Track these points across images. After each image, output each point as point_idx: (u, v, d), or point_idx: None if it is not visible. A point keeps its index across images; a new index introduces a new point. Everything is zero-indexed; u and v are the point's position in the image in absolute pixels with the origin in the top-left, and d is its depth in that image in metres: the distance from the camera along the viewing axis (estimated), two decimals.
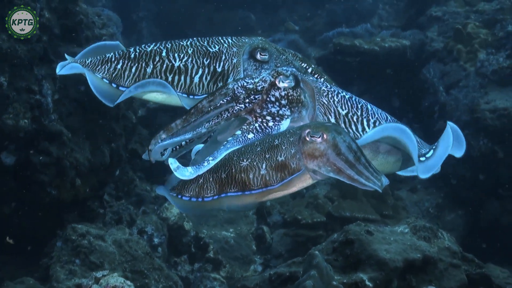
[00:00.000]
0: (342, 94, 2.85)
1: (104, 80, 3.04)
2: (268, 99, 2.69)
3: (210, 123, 2.62)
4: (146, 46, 3.08)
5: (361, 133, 2.76)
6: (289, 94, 2.70)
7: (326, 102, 2.80)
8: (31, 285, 5.03)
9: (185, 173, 2.46)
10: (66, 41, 6.35)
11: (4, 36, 5.39)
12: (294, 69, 2.83)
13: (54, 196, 6.15)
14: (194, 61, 2.99)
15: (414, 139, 2.61)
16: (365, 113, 2.83)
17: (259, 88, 2.71)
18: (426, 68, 9.51)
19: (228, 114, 2.64)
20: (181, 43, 3.07)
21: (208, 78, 2.98)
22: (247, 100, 2.68)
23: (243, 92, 2.70)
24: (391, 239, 4.55)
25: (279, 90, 2.70)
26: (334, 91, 2.85)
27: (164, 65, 2.98)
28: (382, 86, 9.52)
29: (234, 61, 3.03)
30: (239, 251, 7.48)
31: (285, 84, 2.70)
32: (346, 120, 2.78)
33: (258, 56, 3.04)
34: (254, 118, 2.66)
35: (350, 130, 2.77)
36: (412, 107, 9.51)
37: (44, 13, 5.98)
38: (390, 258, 4.30)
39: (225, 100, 2.68)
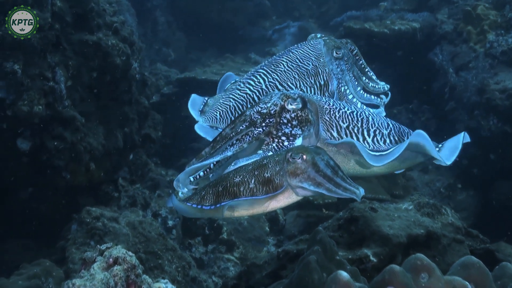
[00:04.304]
0: (343, 110, 3.08)
1: None
2: (281, 121, 2.97)
3: (235, 147, 2.92)
4: (257, 82, 3.38)
5: (361, 142, 2.99)
6: (299, 115, 2.97)
7: (328, 119, 3.04)
8: (48, 267, 5.10)
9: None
10: (78, 28, 6.48)
11: None
12: (300, 91, 3.19)
13: (69, 180, 6.30)
14: (304, 83, 3.35)
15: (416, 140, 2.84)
16: (365, 125, 3.06)
17: (272, 112, 2.97)
18: (436, 50, 9.53)
19: (249, 138, 2.94)
20: (278, 68, 3.41)
21: (318, 92, 3.37)
22: (263, 124, 2.96)
23: (259, 117, 2.97)
24: (395, 216, 4.60)
25: (289, 113, 2.96)
26: (336, 108, 3.09)
27: None
28: (393, 69, 9.53)
29: (327, 70, 3.40)
30: (252, 232, 7.55)
31: (294, 106, 2.96)
32: (348, 132, 3.01)
33: (335, 54, 3.42)
34: (271, 139, 2.96)
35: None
36: (423, 89, 9.53)
37: (56, 2, 6.10)
38: (394, 233, 4.34)
39: (244, 126, 2.96)
